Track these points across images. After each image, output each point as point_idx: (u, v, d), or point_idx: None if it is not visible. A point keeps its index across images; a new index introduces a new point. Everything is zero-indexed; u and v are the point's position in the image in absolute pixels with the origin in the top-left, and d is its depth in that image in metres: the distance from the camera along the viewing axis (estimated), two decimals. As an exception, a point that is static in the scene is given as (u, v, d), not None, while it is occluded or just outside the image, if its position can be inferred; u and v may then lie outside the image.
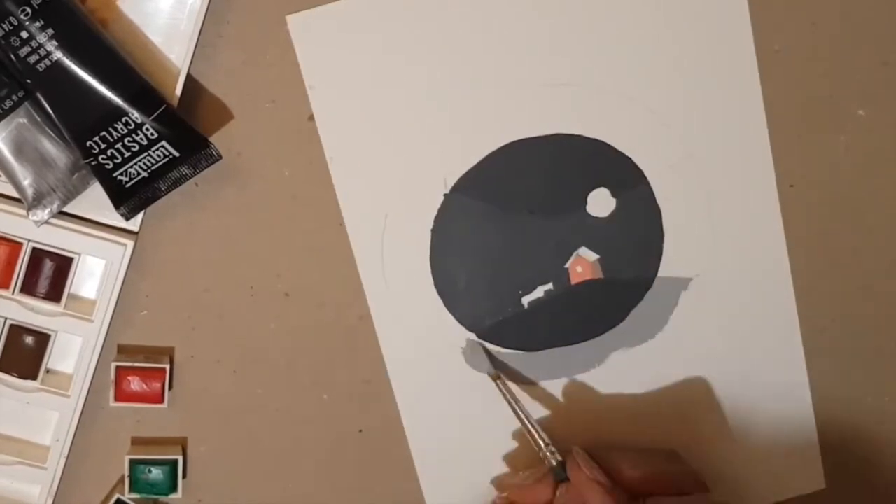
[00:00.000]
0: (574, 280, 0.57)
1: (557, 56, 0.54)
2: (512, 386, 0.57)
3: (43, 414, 0.54)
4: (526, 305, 0.57)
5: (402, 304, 0.56)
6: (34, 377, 0.53)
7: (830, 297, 0.59)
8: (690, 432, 0.59)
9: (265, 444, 0.57)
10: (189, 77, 0.51)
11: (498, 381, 0.55)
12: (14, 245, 0.52)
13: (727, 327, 0.58)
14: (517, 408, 0.54)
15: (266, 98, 0.53)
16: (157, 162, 0.50)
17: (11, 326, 0.53)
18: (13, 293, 0.52)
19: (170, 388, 0.55)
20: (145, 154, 0.50)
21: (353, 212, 0.55)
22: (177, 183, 0.51)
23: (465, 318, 0.57)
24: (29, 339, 0.53)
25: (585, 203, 0.56)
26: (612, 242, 0.57)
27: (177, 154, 0.50)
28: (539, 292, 0.57)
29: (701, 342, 0.58)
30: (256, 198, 0.54)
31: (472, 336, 0.57)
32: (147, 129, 0.49)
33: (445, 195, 0.55)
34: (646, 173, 0.56)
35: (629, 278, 0.57)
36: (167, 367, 0.54)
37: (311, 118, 0.53)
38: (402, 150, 0.54)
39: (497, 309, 0.57)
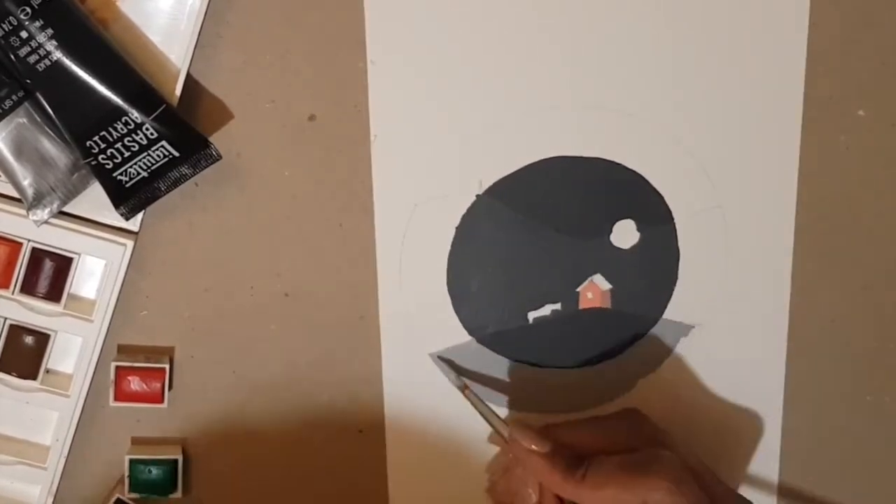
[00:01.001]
0: (583, 305, 0.57)
1: (616, 82, 0.55)
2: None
3: (43, 414, 0.54)
4: (530, 320, 0.57)
5: (411, 296, 0.56)
6: (34, 377, 0.53)
7: (830, 296, 0.59)
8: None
9: (265, 445, 0.57)
10: (189, 77, 0.51)
11: (466, 392, 0.55)
12: (14, 245, 0.52)
13: (717, 380, 0.59)
14: (486, 411, 0.55)
15: (266, 98, 0.53)
16: (157, 162, 0.50)
17: (11, 326, 0.53)
18: (13, 293, 0.52)
19: (170, 387, 0.55)
20: (145, 154, 0.50)
21: (384, 194, 0.54)
22: (177, 183, 0.51)
23: (469, 321, 0.57)
24: (29, 339, 0.53)
25: (610, 231, 0.56)
26: (627, 275, 0.57)
27: (177, 154, 0.50)
28: (546, 310, 0.57)
29: (689, 390, 0.59)
30: (256, 198, 0.54)
31: (472, 340, 0.57)
32: (147, 129, 0.49)
33: (478, 196, 0.55)
34: (674, 214, 0.56)
35: (635, 314, 0.58)
36: (167, 366, 0.54)
37: (312, 118, 0.53)
38: (445, 143, 0.54)
39: (502, 318, 0.57)
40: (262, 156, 0.53)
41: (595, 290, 0.57)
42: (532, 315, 0.57)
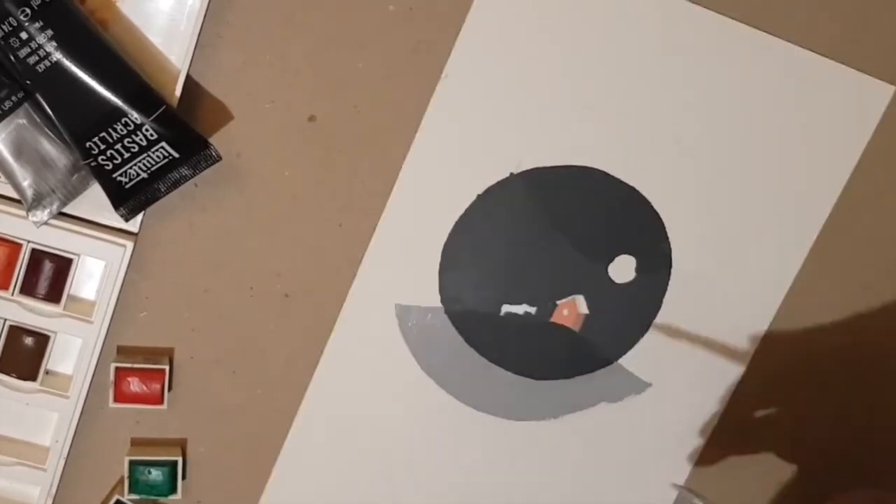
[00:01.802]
0: (554, 318, 0.58)
1: (674, 123, 0.55)
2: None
3: (42, 415, 0.54)
4: (502, 313, 0.57)
5: (405, 241, 0.55)
6: (34, 378, 0.53)
7: (830, 295, 0.59)
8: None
9: (264, 445, 0.57)
10: (189, 78, 0.51)
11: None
12: (14, 246, 0.52)
13: (659, 443, 0.60)
14: None
15: (266, 99, 0.53)
16: (157, 163, 0.50)
17: (11, 327, 0.53)
18: (13, 294, 0.52)
19: (169, 388, 0.55)
20: (145, 155, 0.50)
21: (410, 176, 0.54)
22: (176, 184, 0.51)
23: (447, 290, 0.56)
24: (28, 340, 0.53)
25: (611, 261, 0.57)
26: (606, 308, 0.57)
27: (176, 155, 0.50)
28: (520, 309, 0.57)
29: (613, 433, 0.60)
30: (256, 198, 0.54)
31: (441, 308, 0.56)
32: (147, 130, 0.49)
33: (511, 174, 0.55)
34: (673, 269, 0.57)
35: (596, 347, 0.58)
36: (167, 367, 0.54)
37: (311, 119, 0.53)
38: (498, 116, 0.54)
39: (478, 301, 0.57)
40: (261, 156, 0.53)
41: (572, 309, 0.58)
42: (505, 308, 0.57)
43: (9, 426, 0.55)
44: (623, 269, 0.57)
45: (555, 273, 0.57)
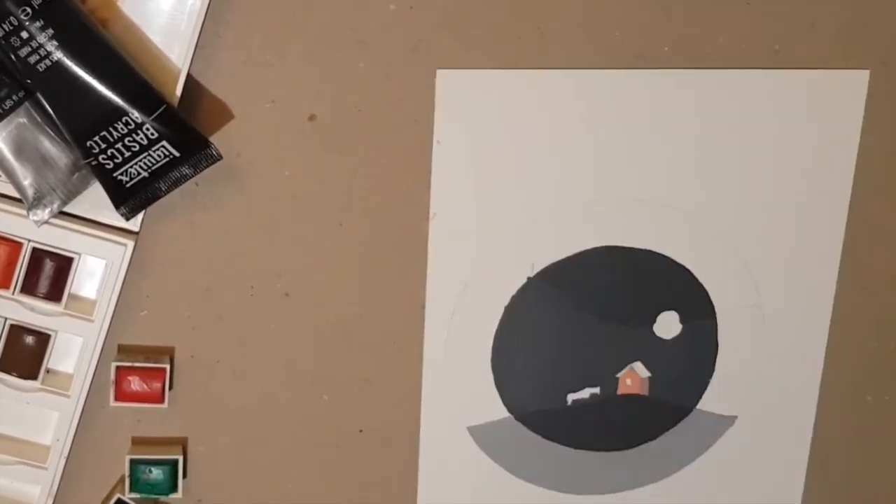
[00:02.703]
0: (621, 391, 0.58)
1: (667, 178, 0.56)
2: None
3: (43, 414, 0.54)
4: (570, 402, 0.58)
5: (454, 370, 0.57)
6: (34, 377, 0.53)
7: (833, 296, 0.59)
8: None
9: (265, 444, 0.57)
10: (189, 77, 0.51)
11: None
12: (14, 245, 0.52)
13: (751, 469, 0.60)
14: None
15: (266, 98, 0.53)
16: (158, 162, 0.50)
17: (12, 326, 0.53)
18: (13, 293, 0.52)
19: (170, 387, 0.55)
20: (145, 154, 0.50)
21: (437, 270, 0.55)
22: (177, 183, 0.51)
23: (510, 399, 0.58)
24: (29, 339, 0.53)
25: (654, 321, 0.57)
26: (666, 365, 0.58)
27: (177, 154, 0.50)
28: (585, 393, 0.58)
29: (723, 484, 0.60)
30: (257, 198, 0.54)
31: (510, 416, 0.58)
32: (147, 129, 0.49)
33: (529, 278, 0.56)
34: (716, 309, 0.58)
35: (670, 402, 0.59)
36: (167, 366, 0.54)
37: (312, 118, 0.53)
38: (501, 225, 0.55)
39: (543, 398, 0.58)
40: (262, 156, 0.53)
41: (634, 378, 0.58)
42: (571, 397, 0.58)
43: (9, 425, 0.55)
44: (669, 325, 0.58)
45: (604, 351, 0.58)
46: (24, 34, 0.47)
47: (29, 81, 0.48)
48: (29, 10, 0.47)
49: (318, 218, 0.55)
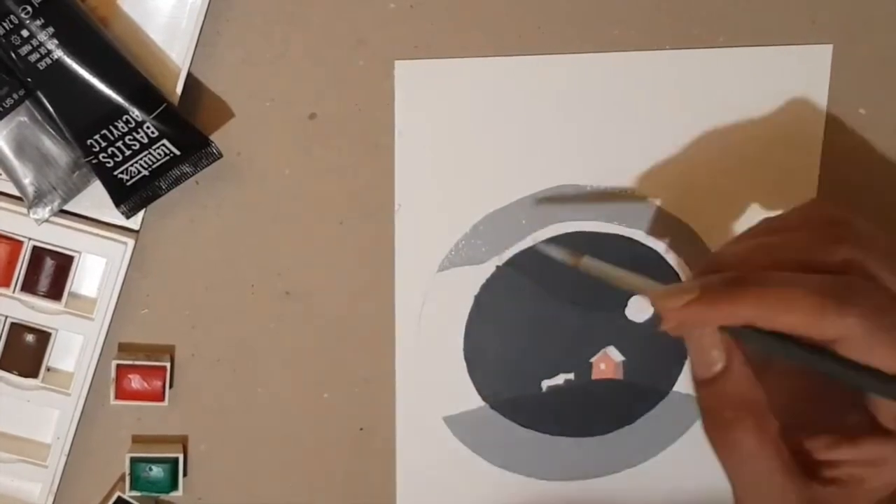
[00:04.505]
0: (595, 376, 0.58)
1: (634, 164, 0.55)
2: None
3: (44, 412, 0.54)
4: (544, 389, 0.58)
5: (426, 360, 0.57)
6: (35, 375, 0.53)
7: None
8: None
9: (265, 443, 0.57)
10: (189, 75, 0.51)
11: (584, 260, 0.53)
12: (15, 243, 0.52)
13: None
14: (616, 276, 0.48)
15: (266, 96, 0.53)
16: (158, 160, 0.50)
17: (12, 325, 0.53)
18: (14, 291, 0.52)
19: (170, 386, 0.55)
20: (146, 152, 0.50)
21: (405, 261, 0.55)
22: (177, 181, 0.51)
23: (483, 387, 0.57)
24: (30, 338, 0.53)
25: (626, 305, 0.57)
26: (639, 348, 0.58)
27: (177, 152, 0.50)
28: (560, 379, 0.58)
29: (704, 465, 0.58)
30: (257, 196, 0.54)
31: (485, 405, 0.58)
32: (148, 128, 0.49)
33: (498, 267, 0.56)
34: None
35: (646, 385, 0.59)
36: (168, 365, 0.54)
37: (312, 116, 0.53)
38: (466, 214, 0.55)
39: (517, 386, 0.58)
40: (262, 154, 0.54)
41: (608, 362, 0.58)
42: (546, 384, 0.58)
43: (10, 423, 0.55)
44: (641, 308, 0.57)
45: (577, 336, 0.57)
46: (25, 32, 0.47)
47: (29, 80, 0.48)
48: (29, 8, 0.47)
49: (318, 216, 0.55)
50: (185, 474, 0.56)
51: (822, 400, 0.44)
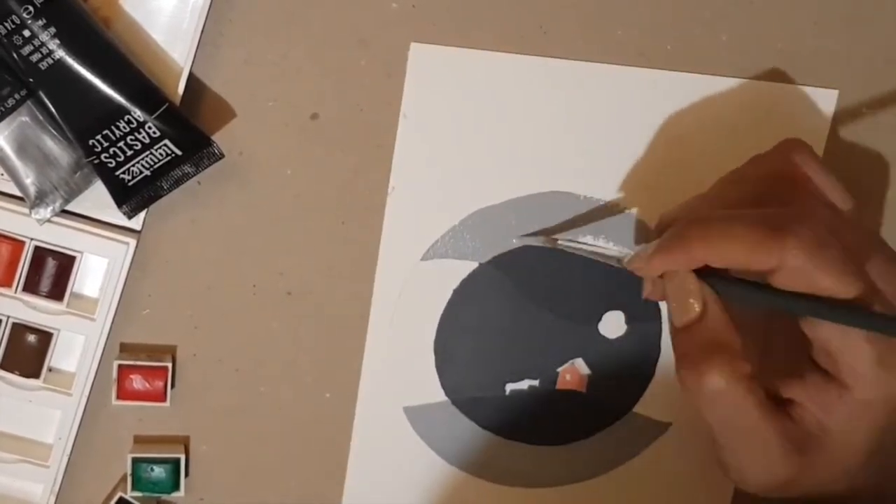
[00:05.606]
0: (560, 385, 0.58)
1: (629, 179, 0.55)
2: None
3: (45, 412, 0.54)
4: (507, 392, 0.58)
5: (397, 346, 0.56)
6: (36, 375, 0.53)
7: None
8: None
9: (267, 443, 0.57)
10: (191, 76, 0.51)
11: (558, 242, 0.54)
12: (16, 243, 0.52)
13: (681, 477, 0.60)
14: (590, 250, 0.52)
15: (268, 97, 0.53)
16: (160, 160, 0.50)
17: (14, 325, 0.53)
18: (15, 292, 0.52)
19: (172, 386, 0.55)
20: (147, 152, 0.50)
21: (391, 244, 0.55)
22: (179, 181, 0.51)
23: (448, 382, 0.57)
24: (31, 338, 0.53)
25: (600, 320, 0.57)
26: (607, 364, 0.58)
27: (179, 152, 0.50)
28: (524, 384, 0.58)
29: (653, 489, 0.60)
30: (259, 196, 0.54)
31: (447, 401, 0.57)
32: (149, 128, 0.49)
33: (480, 264, 0.56)
34: (662, 314, 0.57)
35: (607, 402, 0.59)
36: (169, 365, 0.54)
37: (314, 116, 0.53)
38: (457, 207, 0.55)
39: (481, 385, 0.57)
40: (264, 154, 0.53)
41: (574, 373, 0.58)
42: (510, 387, 0.58)
43: (12, 423, 0.55)
44: (614, 324, 0.57)
45: (548, 344, 0.57)
46: (27, 32, 0.47)
47: (31, 80, 0.48)
48: (31, 8, 0.47)
49: (320, 216, 0.55)
50: (186, 475, 0.56)
51: (798, 348, 0.45)
